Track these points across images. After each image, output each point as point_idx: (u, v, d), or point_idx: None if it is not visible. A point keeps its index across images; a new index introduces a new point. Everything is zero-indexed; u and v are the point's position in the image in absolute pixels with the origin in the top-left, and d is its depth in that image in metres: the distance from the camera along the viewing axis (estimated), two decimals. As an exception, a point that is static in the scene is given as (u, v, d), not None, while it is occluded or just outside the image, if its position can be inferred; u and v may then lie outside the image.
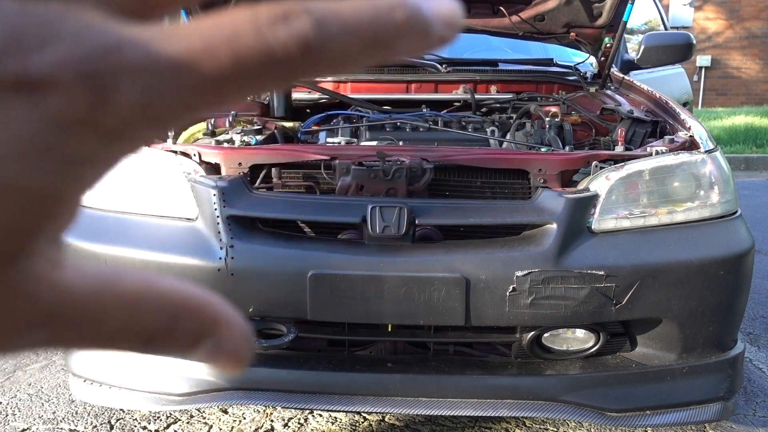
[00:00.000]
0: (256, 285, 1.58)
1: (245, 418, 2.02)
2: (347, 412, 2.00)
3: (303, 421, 2.00)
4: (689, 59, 3.36)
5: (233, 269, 1.55)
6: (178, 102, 0.18)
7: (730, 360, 1.69)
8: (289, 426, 1.98)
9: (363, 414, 2.02)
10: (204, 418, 2.03)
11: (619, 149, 1.89)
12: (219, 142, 1.98)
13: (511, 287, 1.53)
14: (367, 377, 1.64)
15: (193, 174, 1.69)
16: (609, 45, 2.36)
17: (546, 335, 1.68)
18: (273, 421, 2.00)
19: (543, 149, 1.95)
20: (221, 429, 1.97)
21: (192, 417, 2.03)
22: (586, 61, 2.66)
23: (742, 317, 1.72)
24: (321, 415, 2.03)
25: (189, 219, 1.64)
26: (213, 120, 2.19)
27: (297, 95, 2.54)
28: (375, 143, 2.00)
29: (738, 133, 8.15)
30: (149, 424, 1.99)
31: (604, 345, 1.68)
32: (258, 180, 1.78)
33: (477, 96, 2.48)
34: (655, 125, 2.08)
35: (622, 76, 2.58)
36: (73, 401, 2.12)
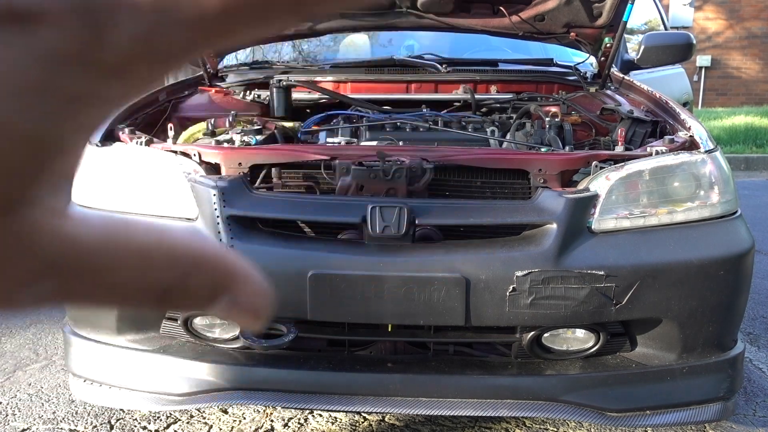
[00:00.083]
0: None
1: (245, 418, 2.02)
2: (347, 412, 2.00)
3: (303, 421, 2.00)
4: (689, 59, 3.36)
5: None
6: (178, 37, 0.18)
7: (730, 360, 1.69)
8: (289, 426, 1.98)
9: (363, 414, 2.02)
10: (204, 418, 2.03)
11: (619, 149, 1.89)
12: (219, 142, 1.98)
13: (511, 287, 1.53)
14: (367, 377, 1.64)
15: (193, 174, 1.69)
16: (609, 45, 2.36)
17: (546, 335, 1.68)
18: (273, 421, 2.00)
19: (543, 149, 1.95)
20: (221, 429, 1.97)
21: (192, 417, 2.03)
22: (586, 61, 2.66)
23: (742, 317, 1.72)
24: (321, 415, 2.03)
25: (189, 219, 1.64)
26: (213, 120, 2.19)
27: (297, 95, 2.54)
28: (375, 143, 2.00)
29: (738, 133, 8.15)
30: (149, 424, 1.99)
31: (604, 345, 1.68)
32: (258, 180, 1.78)
33: (477, 96, 2.48)
34: (655, 125, 2.08)
35: (622, 76, 2.58)
36: (73, 401, 2.12)
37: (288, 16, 0.18)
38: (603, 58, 2.43)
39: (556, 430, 1.97)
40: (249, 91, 2.55)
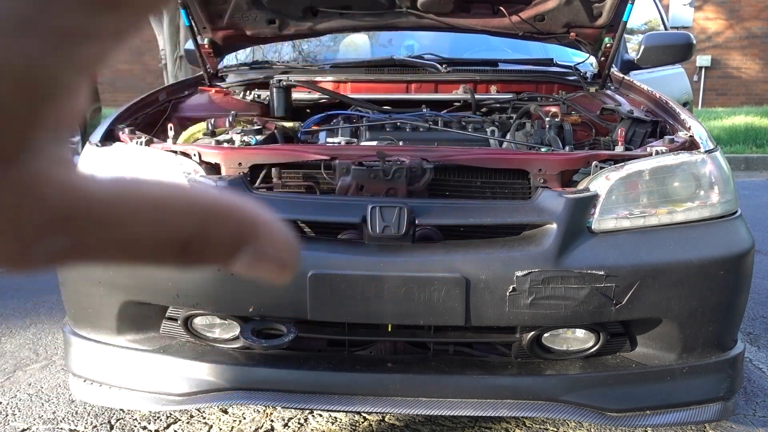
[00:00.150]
0: (256, 285, 1.58)
1: (245, 418, 2.02)
2: (347, 412, 2.00)
3: (303, 421, 2.00)
4: (689, 59, 3.36)
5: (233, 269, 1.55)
6: None
7: (730, 360, 1.69)
8: (289, 426, 1.98)
9: (363, 414, 2.02)
10: (204, 418, 2.03)
11: (619, 149, 1.89)
12: (219, 142, 1.98)
13: (511, 287, 1.53)
14: (367, 377, 1.64)
15: (193, 174, 1.69)
16: (609, 45, 2.36)
17: (546, 335, 1.68)
18: (273, 421, 2.00)
19: (543, 149, 1.95)
20: (221, 429, 1.97)
21: (192, 417, 2.03)
22: (586, 61, 2.65)
23: (742, 317, 1.72)
24: (321, 415, 2.03)
25: (189, 219, 1.64)
26: (213, 120, 2.19)
27: (297, 95, 2.54)
28: (375, 143, 2.00)
29: (738, 133, 8.15)
30: (149, 424, 1.99)
31: (604, 345, 1.68)
32: (258, 180, 1.78)
33: (477, 96, 2.48)
34: (655, 125, 2.08)
35: (622, 76, 2.58)
36: (73, 401, 2.12)
37: None
38: (603, 58, 2.43)
39: (556, 430, 1.97)
40: (249, 91, 2.55)
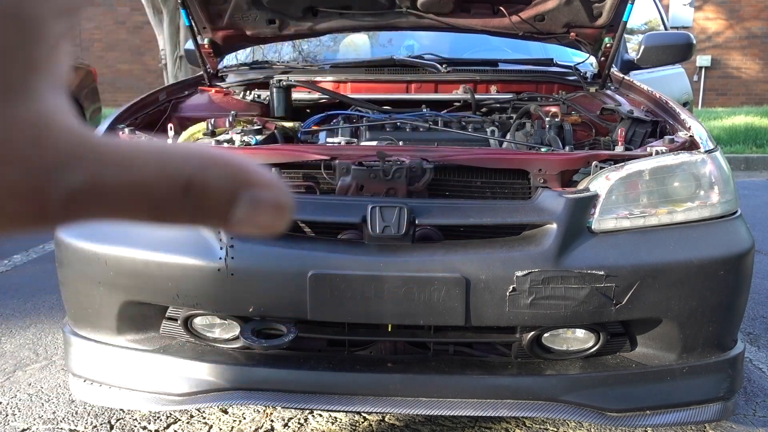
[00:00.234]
0: (256, 285, 1.58)
1: (245, 418, 2.02)
2: (347, 412, 2.00)
3: (303, 421, 2.00)
4: (689, 59, 3.36)
5: (233, 269, 1.55)
6: None
7: (730, 360, 1.69)
8: (289, 426, 1.98)
9: (363, 414, 2.02)
10: (204, 418, 2.03)
11: (619, 149, 1.89)
12: (219, 142, 1.98)
13: (511, 287, 1.53)
14: (367, 377, 1.64)
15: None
16: (609, 45, 2.36)
17: (546, 335, 1.68)
18: (273, 421, 2.00)
19: (543, 149, 1.95)
20: (221, 429, 1.97)
21: (192, 417, 2.03)
22: (586, 61, 2.66)
23: (742, 317, 1.72)
24: (321, 415, 2.03)
25: (189, 219, 1.64)
26: (213, 120, 2.19)
27: (297, 95, 2.54)
28: (375, 143, 2.00)
29: (738, 133, 8.15)
30: (149, 424, 1.99)
31: (604, 345, 1.68)
32: (258, 180, 1.77)
33: (477, 96, 2.48)
34: (655, 125, 2.08)
35: (622, 76, 2.58)
36: (73, 401, 2.12)
37: None
38: (603, 58, 2.43)
39: (556, 430, 1.97)
40: (249, 91, 2.55)
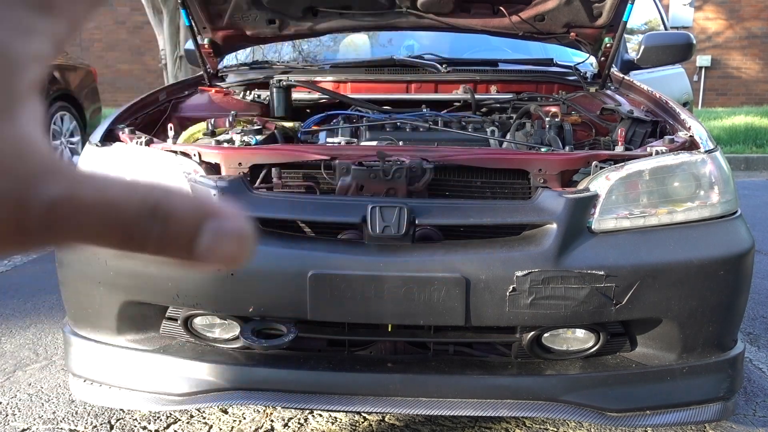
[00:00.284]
0: (256, 285, 1.58)
1: (245, 418, 2.02)
2: (347, 412, 2.00)
3: (303, 421, 2.00)
4: (689, 59, 3.36)
5: (233, 269, 1.55)
6: None
7: (730, 360, 1.69)
8: (289, 426, 1.98)
9: (363, 414, 2.02)
10: (204, 418, 2.03)
11: (619, 149, 1.89)
12: (219, 142, 1.98)
13: (511, 287, 1.53)
14: (367, 377, 1.64)
15: (193, 174, 1.69)
16: (609, 45, 2.36)
17: (546, 335, 1.68)
18: (273, 421, 2.00)
19: (543, 149, 1.95)
20: (221, 429, 1.97)
21: (192, 417, 2.03)
22: (586, 61, 2.65)
23: (742, 317, 1.72)
24: (321, 415, 2.03)
25: (189, 219, 1.64)
26: (213, 120, 2.19)
27: (297, 95, 2.54)
28: (375, 143, 2.00)
29: (738, 133, 8.15)
30: (149, 424, 1.99)
31: (604, 345, 1.68)
32: (258, 180, 1.78)
33: (477, 96, 2.48)
34: (655, 125, 2.08)
35: (622, 76, 2.58)
36: (73, 401, 2.12)
37: None
38: (603, 58, 2.43)
39: (556, 430, 1.97)
40: (249, 91, 2.55)
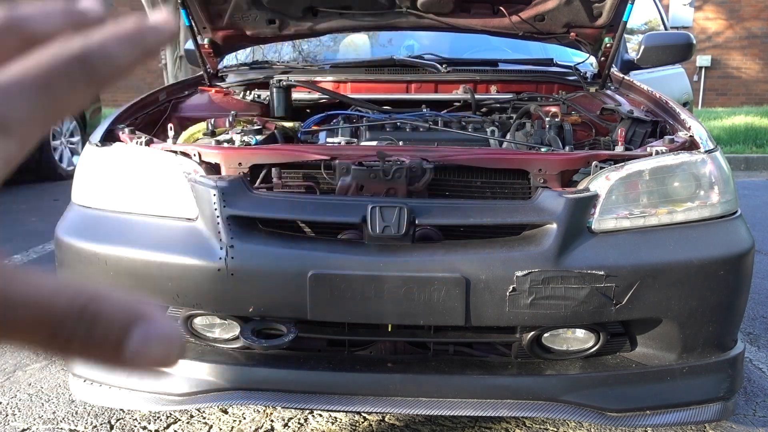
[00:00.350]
0: (256, 285, 1.58)
1: (245, 418, 2.02)
2: (347, 412, 2.00)
3: (303, 421, 2.00)
4: (689, 59, 3.36)
5: (233, 269, 1.55)
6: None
7: (730, 360, 1.69)
8: (289, 426, 1.98)
9: (363, 414, 2.02)
10: (204, 418, 2.03)
11: (619, 149, 1.89)
12: (219, 142, 1.98)
13: (511, 287, 1.53)
14: (367, 377, 1.64)
15: (193, 174, 1.69)
16: (609, 45, 2.36)
17: (546, 335, 1.68)
18: (273, 421, 2.00)
19: (543, 149, 1.95)
20: (221, 429, 1.97)
21: (192, 417, 2.03)
22: (586, 61, 2.66)
23: (742, 317, 1.72)
24: (321, 415, 2.03)
25: (189, 219, 1.64)
26: (213, 120, 2.19)
27: (297, 95, 2.54)
28: (375, 143, 2.00)
29: (738, 133, 8.15)
30: (149, 424, 1.99)
31: (604, 345, 1.68)
32: (258, 180, 1.78)
33: (477, 96, 2.48)
34: (655, 125, 2.08)
35: (622, 76, 2.58)
36: (73, 401, 2.12)
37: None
38: (603, 58, 2.43)
39: (556, 430, 1.97)
40: (249, 91, 2.55)
